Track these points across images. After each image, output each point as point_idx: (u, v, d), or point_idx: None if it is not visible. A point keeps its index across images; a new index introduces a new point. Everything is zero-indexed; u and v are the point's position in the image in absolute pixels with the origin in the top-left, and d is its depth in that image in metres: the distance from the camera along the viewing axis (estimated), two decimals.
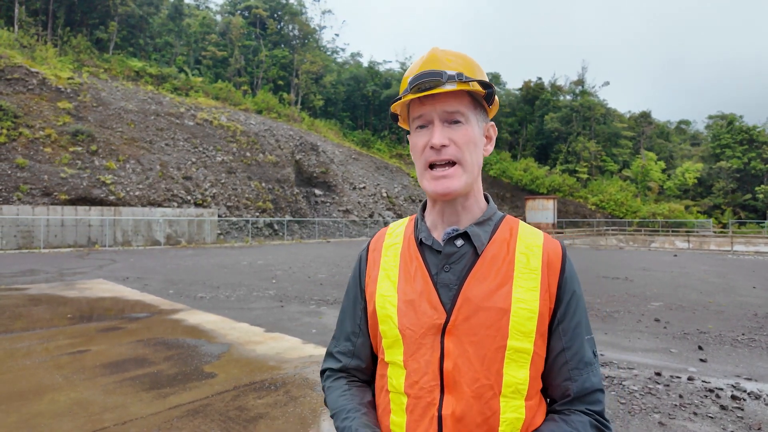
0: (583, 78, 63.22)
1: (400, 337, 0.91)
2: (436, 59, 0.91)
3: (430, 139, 0.89)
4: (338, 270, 13.45)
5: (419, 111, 0.91)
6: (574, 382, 0.89)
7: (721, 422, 3.37)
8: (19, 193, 20.83)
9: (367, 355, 1.03)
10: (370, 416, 0.94)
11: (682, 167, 52.48)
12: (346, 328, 1.05)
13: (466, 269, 0.90)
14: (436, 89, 0.87)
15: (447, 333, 0.87)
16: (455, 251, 0.91)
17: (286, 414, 3.41)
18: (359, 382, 1.03)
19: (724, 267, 15.11)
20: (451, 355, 0.86)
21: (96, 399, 3.61)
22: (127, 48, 45.75)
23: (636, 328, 6.41)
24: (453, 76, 0.87)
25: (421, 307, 0.90)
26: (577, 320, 0.91)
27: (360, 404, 0.96)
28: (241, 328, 6.14)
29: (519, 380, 0.86)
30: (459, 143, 0.89)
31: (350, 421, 0.91)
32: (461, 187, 0.90)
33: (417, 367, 0.88)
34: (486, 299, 0.87)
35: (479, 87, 0.89)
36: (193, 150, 31.08)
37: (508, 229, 0.96)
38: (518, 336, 0.86)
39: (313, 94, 57.03)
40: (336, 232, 34.48)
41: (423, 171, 0.92)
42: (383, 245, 1.04)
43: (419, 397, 0.88)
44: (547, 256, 0.92)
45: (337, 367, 1.04)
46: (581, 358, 0.90)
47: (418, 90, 0.88)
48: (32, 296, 8.44)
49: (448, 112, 0.89)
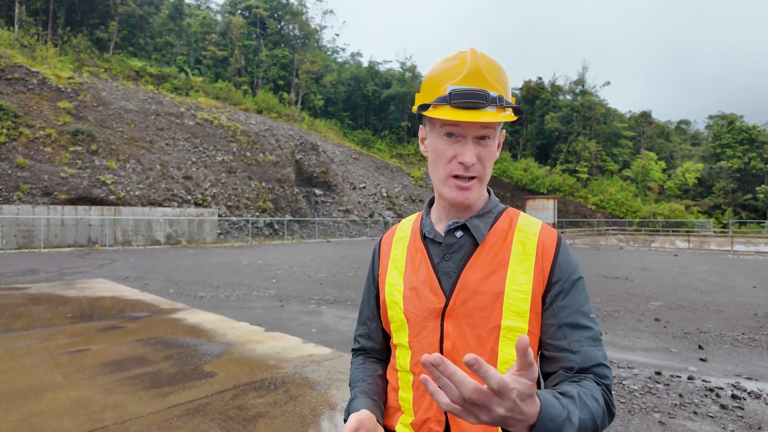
0: (583, 78, 63.24)
1: (405, 321, 1.00)
2: (479, 73, 0.89)
3: (461, 155, 0.91)
4: (338, 270, 13.45)
5: (454, 123, 0.91)
6: (577, 354, 0.88)
7: (721, 421, 3.37)
8: (19, 193, 20.84)
9: (380, 338, 1.15)
10: (373, 386, 1.07)
11: (682, 167, 52.48)
12: (364, 314, 1.18)
13: (465, 258, 0.96)
14: (478, 112, 0.87)
15: (446, 316, 0.94)
16: (455, 242, 0.98)
17: (285, 413, 3.41)
18: (374, 359, 1.17)
19: (724, 267, 15.10)
20: (450, 336, 0.94)
21: (96, 398, 3.61)
22: (128, 48, 45.76)
23: (636, 328, 6.40)
24: (495, 99, 0.88)
25: (423, 293, 0.98)
26: (574, 298, 0.92)
27: (368, 376, 1.10)
28: (241, 328, 6.14)
29: (513, 357, 0.90)
30: (484, 160, 0.93)
31: (354, 390, 1.06)
32: (476, 198, 0.96)
33: (420, 348, 0.97)
34: (481, 284, 0.93)
35: (512, 116, 0.91)
36: (193, 150, 31.08)
37: (508, 220, 1.01)
38: (512, 316, 0.91)
39: (314, 93, 57.04)
40: (336, 232, 34.48)
41: (446, 179, 0.95)
42: (393, 239, 1.13)
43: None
44: (542, 242, 0.96)
45: (357, 348, 1.20)
46: (581, 332, 0.90)
47: (458, 107, 0.88)
48: (32, 295, 8.44)
49: (483, 130, 0.91)
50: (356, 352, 1.20)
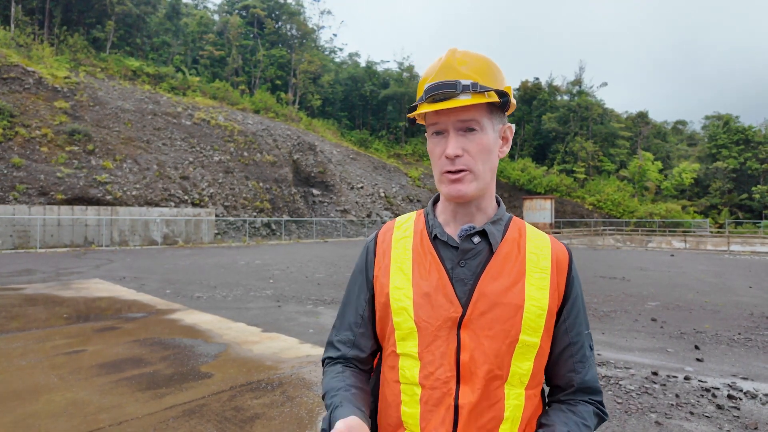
0: (580, 78, 63.32)
1: (415, 329, 0.93)
2: (451, 67, 0.90)
3: (445, 149, 0.91)
4: (336, 270, 13.44)
5: (434, 119, 0.92)
6: (578, 374, 0.97)
7: (717, 422, 3.38)
8: (15, 193, 20.74)
9: (368, 346, 1.03)
10: (359, 397, 0.93)
11: (679, 167, 52.57)
12: (348, 317, 1.05)
13: (482, 265, 0.93)
14: (451, 101, 0.87)
15: (463, 326, 0.90)
16: (472, 248, 0.94)
17: (282, 414, 3.40)
18: (356, 369, 1.03)
19: (720, 267, 15.16)
20: (467, 347, 0.90)
21: (92, 399, 3.60)
22: (124, 47, 45.60)
23: (633, 328, 6.42)
24: (468, 86, 0.87)
25: (437, 300, 0.92)
26: (582, 318, 0.99)
27: (350, 385, 0.95)
28: (238, 328, 6.12)
29: (523, 371, 0.91)
30: (472, 152, 0.90)
31: (336, 398, 0.91)
32: (472, 192, 0.92)
33: (432, 359, 0.91)
34: (502, 295, 0.91)
35: (495, 96, 0.89)
36: (190, 150, 31.00)
37: (517, 230, 1.00)
38: (529, 331, 0.91)
39: (311, 93, 56.98)
40: (334, 232, 34.44)
41: (440, 176, 0.94)
42: (392, 238, 1.04)
43: (434, 387, 0.91)
44: (556, 257, 0.97)
45: (335, 356, 1.04)
46: (584, 353, 0.98)
47: (432, 100, 0.89)
48: (28, 296, 8.40)
49: (463, 121, 0.90)
50: (333, 361, 1.04)
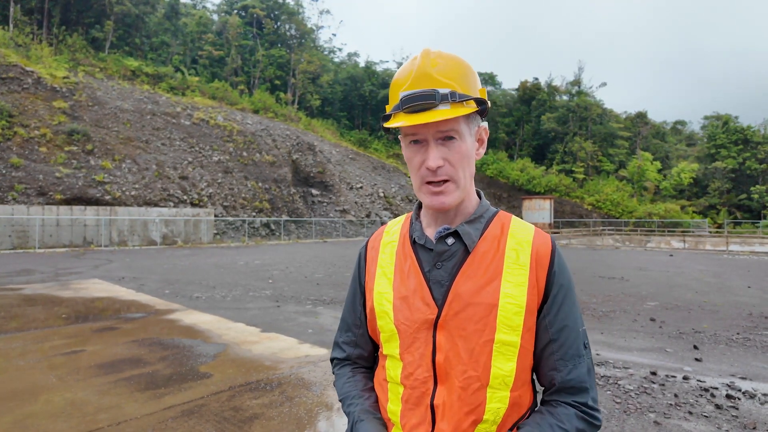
0: (579, 78, 63.42)
1: (396, 331, 0.96)
2: (427, 73, 0.87)
3: (426, 160, 0.89)
4: (335, 270, 13.44)
5: (412, 129, 0.89)
6: (559, 373, 0.91)
7: (716, 421, 3.38)
8: (14, 193, 20.71)
9: (368, 345, 1.09)
10: (370, 401, 1.01)
11: (677, 167, 52.64)
12: (348, 320, 1.11)
13: (457, 266, 0.92)
14: (430, 112, 0.84)
15: (438, 328, 0.91)
16: (446, 249, 0.94)
17: (281, 414, 3.40)
18: (363, 369, 1.11)
19: (719, 267, 15.17)
20: (442, 348, 0.91)
21: (91, 399, 3.59)
22: (123, 47, 45.57)
23: (632, 328, 6.42)
24: (446, 95, 0.84)
25: (414, 303, 0.94)
26: (565, 313, 0.92)
27: (363, 390, 1.04)
28: (237, 328, 6.12)
29: (506, 372, 0.89)
30: (453, 161, 0.89)
31: (354, 406, 1.00)
32: (454, 201, 0.92)
33: (412, 360, 0.93)
34: (475, 295, 0.90)
35: (474, 105, 0.87)
36: (189, 150, 30.99)
37: (500, 226, 0.97)
38: (506, 330, 0.89)
39: (310, 93, 56.98)
40: (333, 232, 34.43)
41: (420, 185, 0.93)
42: (381, 243, 1.07)
43: (414, 387, 0.93)
44: (536, 251, 0.93)
45: (342, 357, 1.12)
46: (567, 350, 0.91)
47: (410, 111, 0.86)
48: (27, 296, 8.39)
49: (442, 131, 0.88)
50: (341, 362, 1.12)
